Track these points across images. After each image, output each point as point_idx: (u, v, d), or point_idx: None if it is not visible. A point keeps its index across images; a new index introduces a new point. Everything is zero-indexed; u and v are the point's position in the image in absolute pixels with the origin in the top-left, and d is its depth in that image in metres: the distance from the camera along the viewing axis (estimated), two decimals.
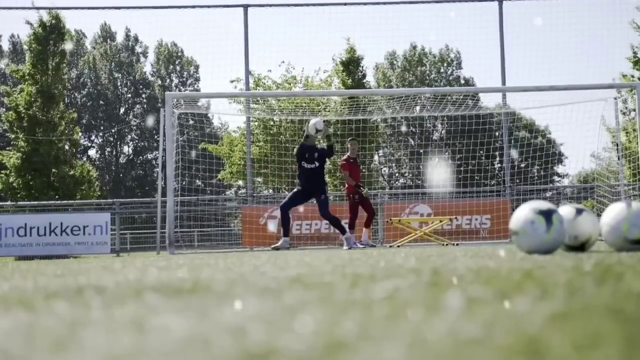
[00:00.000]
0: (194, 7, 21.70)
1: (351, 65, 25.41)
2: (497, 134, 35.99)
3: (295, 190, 13.22)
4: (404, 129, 46.95)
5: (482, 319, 1.49)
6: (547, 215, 5.22)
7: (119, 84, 62.95)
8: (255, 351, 1.22)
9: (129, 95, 63.01)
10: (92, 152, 61.84)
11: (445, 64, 59.95)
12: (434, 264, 4.02)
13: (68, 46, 23.42)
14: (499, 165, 43.60)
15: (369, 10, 27.89)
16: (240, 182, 31.22)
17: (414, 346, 1.22)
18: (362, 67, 26.16)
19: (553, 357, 1.11)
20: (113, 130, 59.36)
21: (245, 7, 20.55)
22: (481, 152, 33.32)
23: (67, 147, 23.41)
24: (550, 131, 42.09)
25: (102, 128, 61.04)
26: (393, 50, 58.83)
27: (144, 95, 62.50)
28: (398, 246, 13.64)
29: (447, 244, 13.76)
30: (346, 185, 14.73)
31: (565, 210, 5.60)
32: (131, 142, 63.68)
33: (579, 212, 5.64)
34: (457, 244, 13.87)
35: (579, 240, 5.59)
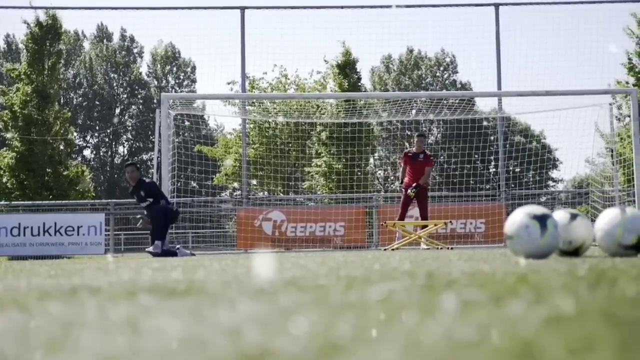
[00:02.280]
0: (190, 8, 21.72)
1: (347, 68, 25.39)
2: (492, 138, 36.01)
3: None
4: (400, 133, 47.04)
5: (477, 322, 1.50)
6: (542, 220, 5.22)
7: (114, 84, 62.80)
8: (250, 353, 1.22)
9: (125, 96, 62.88)
10: (87, 152, 61.71)
11: (441, 68, 60.01)
12: (429, 267, 4.02)
13: (63, 47, 23.35)
14: (494, 169, 43.63)
15: (365, 13, 27.93)
16: (236, 184, 31.21)
17: (409, 349, 1.22)
18: (358, 70, 26.08)
19: None
20: (108, 131, 59.23)
21: (242, 9, 20.56)
22: (476, 156, 33.36)
23: (62, 147, 23.36)
24: (546, 136, 42.15)
25: (97, 128, 60.87)
26: (389, 54, 58.91)
27: (139, 96, 62.37)
28: (393, 249, 13.63)
29: (441, 248, 13.76)
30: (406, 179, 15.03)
31: (560, 215, 5.61)
32: (126, 143, 63.54)
33: (574, 217, 5.64)
34: (451, 248, 13.86)
35: (573, 245, 5.59)
